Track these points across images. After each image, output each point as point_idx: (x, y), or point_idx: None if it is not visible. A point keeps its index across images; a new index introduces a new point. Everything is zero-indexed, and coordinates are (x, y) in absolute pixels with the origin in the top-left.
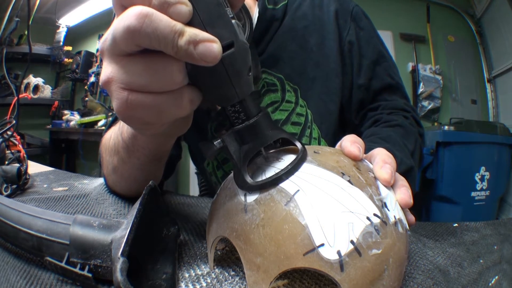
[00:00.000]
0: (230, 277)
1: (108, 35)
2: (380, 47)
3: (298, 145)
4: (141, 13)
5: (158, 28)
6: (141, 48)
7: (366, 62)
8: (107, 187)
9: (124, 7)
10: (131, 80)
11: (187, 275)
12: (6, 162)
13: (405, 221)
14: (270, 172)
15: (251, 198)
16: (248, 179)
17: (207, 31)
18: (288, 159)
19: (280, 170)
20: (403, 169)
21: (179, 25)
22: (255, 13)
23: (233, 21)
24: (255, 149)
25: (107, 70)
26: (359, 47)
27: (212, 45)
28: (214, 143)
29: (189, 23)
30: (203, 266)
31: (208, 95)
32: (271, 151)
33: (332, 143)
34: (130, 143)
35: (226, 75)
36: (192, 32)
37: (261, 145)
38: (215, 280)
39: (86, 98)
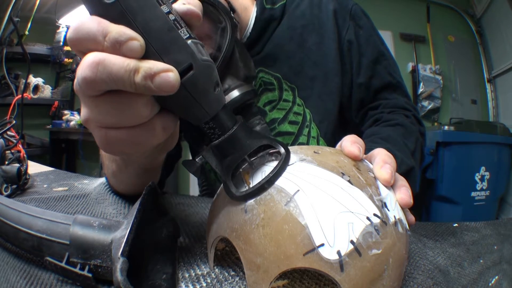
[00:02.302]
0: (230, 277)
1: (76, 80)
2: (380, 46)
3: (281, 150)
4: (93, 62)
5: (112, 72)
6: (104, 91)
7: (366, 61)
8: (108, 186)
9: (82, 53)
10: (104, 120)
11: (187, 275)
12: (6, 162)
13: (405, 221)
14: (269, 170)
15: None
16: (233, 190)
17: (163, 60)
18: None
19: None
20: (404, 169)
21: (132, 63)
22: (252, 13)
23: (189, 41)
24: (236, 160)
25: (84, 111)
26: (358, 46)
27: (167, 75)
28: (196, 160)
29: (144, 55)
30: (203, 266)
31: (181, 115)
32: (260, 154)
33: (331, 142)
34: (125, 156)
35: (191, 97)
36: (146, 66)
37: (242, 156)
38: (215, 280)
39: None
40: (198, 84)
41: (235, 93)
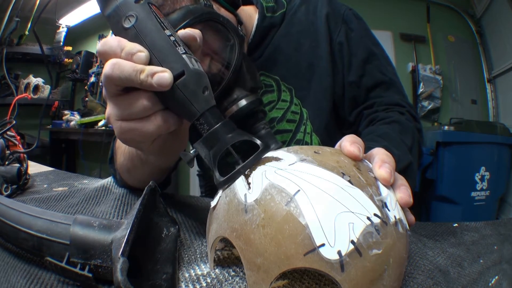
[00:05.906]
0: (230, 277)
1: (102, 80)
2: (371, 47)
3: (258, 142)
4: (111, 63)
5: (124, 70)
6: (121, 88)
7: (356, 61)
8: (114, 180)
9: (106, 61)
10: (120, 113)
11: (187, 275)
12: (6, 162)
13: (405, 221)
14: (269, 170)
15: (251, 198)
16: (217, 176)
17: (161, 66)
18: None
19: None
20: (402, 166)
21: (139, 66)
22: (255, 21)
23: (184, 55)
24: (219, 151)
25: (108, 109)
26: (348, 46)
27: (164, 75)
28: (190, 152)
29: (150, 63)
30: (203, 266)
31: (179, 114)
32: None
33: (324, 136)
34: (143, 157)
35: (184, 96)
36: (149, 68)
37: (223, 147)
38: (215, 280)
39: (86, 98)
40: (189, 86)
41: (243, 102)
